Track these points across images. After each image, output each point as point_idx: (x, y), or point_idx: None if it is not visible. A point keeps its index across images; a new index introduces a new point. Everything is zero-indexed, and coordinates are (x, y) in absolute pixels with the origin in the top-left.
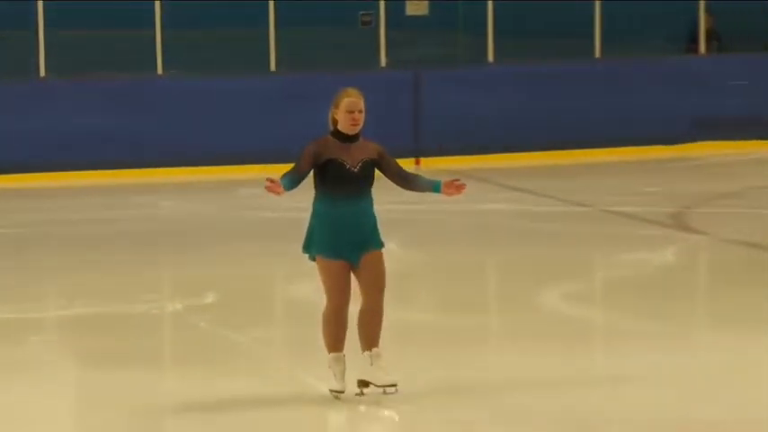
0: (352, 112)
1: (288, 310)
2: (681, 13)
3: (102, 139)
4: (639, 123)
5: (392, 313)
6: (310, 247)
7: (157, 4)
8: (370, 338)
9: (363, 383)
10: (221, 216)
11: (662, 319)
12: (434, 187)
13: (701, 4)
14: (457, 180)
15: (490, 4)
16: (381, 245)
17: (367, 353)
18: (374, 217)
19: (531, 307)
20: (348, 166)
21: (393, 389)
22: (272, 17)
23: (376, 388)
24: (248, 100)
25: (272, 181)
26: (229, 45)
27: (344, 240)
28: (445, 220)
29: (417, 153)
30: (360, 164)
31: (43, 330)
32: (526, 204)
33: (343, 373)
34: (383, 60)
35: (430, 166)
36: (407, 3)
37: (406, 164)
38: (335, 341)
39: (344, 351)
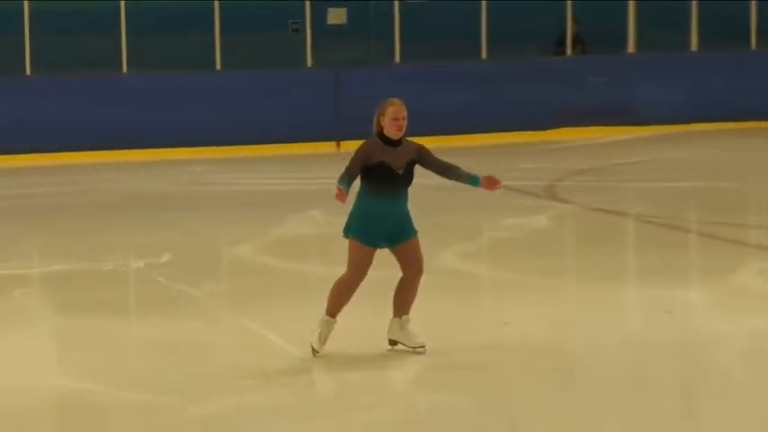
0: (396, 119)
1: (232, 268)
2: (551, 19)
3: (73, 127)
4: (517, 113)
5: (323, 270)
6: (348, 230)
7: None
8: (403, 307)
9: (393, 342)
10: (176, 189)
11: (539, 273)
12: (473, 181)
13: (569, 12)
14: (494, 177)
15: (397, 14)
16: (415, 233)
17: (397, 319)
18: (408, 210)
19: (429, 265)
20: (395, 168)
21: (422, 349)
22: (218, 23)
23: (405, 347)
24: (198, 93)
25: (339, 190)
26: (181, 47)
27: (380, 233)
28: None
29: (338, 138)
30: (404, 166)
31: (26, 285)
32: (429, 180)
33: (327, 336)
34: (309, 61)
35: (349, 148)
36: (329, 12)
37: (328, 147)
38: (337, 308)
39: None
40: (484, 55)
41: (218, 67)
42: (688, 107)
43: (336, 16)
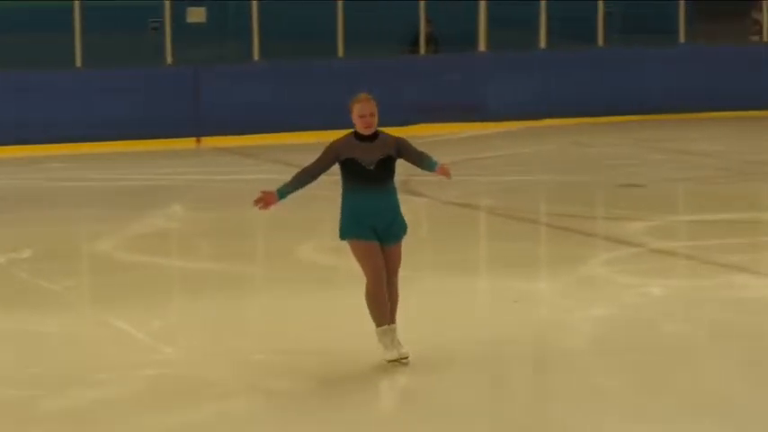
0: (363, 116)
1: (93, 264)
2: (405, 19)
3: None
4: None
5: (184, 264)
6: (342, 233)
7: None
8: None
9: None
10: (35, 186)
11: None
12: (430, 165)
13: (422, 13)
14: (447, 166)
15: (255, 13)
16: (401, 236)
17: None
18: (395, 206)
19: (289, 259)
20: (364, 165)
21: (406, 360)
22: (78, 22)
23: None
24: (57, 90)
25: (265, 194)
26: (42, 45)
27: (366, 225)
28: (222, 188)
29: (198, 134)
30: (376, 162)
31: None
32: (284, 174)
33: (392, 341)
34: (169, 59)
35: (208, 144)
36: (187, 11)
37: (188, 143)
38: (381, 315)
39: (391, 323)
40: (340, 53)
41: (79, 64)
42: (538, 104)
43: (195, 15)
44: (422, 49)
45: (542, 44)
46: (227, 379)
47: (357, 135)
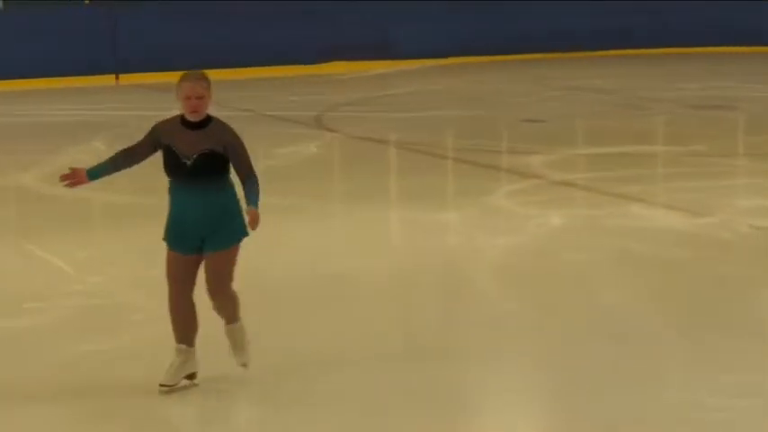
0: (189, 98)
1: (18, 196)
2: None
3: None
4: (288, 50)
5: (105, 197)
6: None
7: None
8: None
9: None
10: None
11: (310, 197)
12: (248, 196)
13: None
14: (256, 216)
15: None
16: (225, 245)
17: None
18: (221, 211)
19: None
20: (180, 157)
21: (167, 388)
22: None
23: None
24: None
25: (73, 171)
26: None
27: (178, 233)
28: (139, 124)
29: (117, 71)
30: (196, 155)
31: None
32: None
33: (174, 367)
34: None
35: (128, 81)
36: None
37: (108, 79)
38: (174, 331)
39: (186, 345)
40: None
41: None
42: (447, 43)
43: None
44: None
45: None
46: (151, 307)
47: (183, 120)
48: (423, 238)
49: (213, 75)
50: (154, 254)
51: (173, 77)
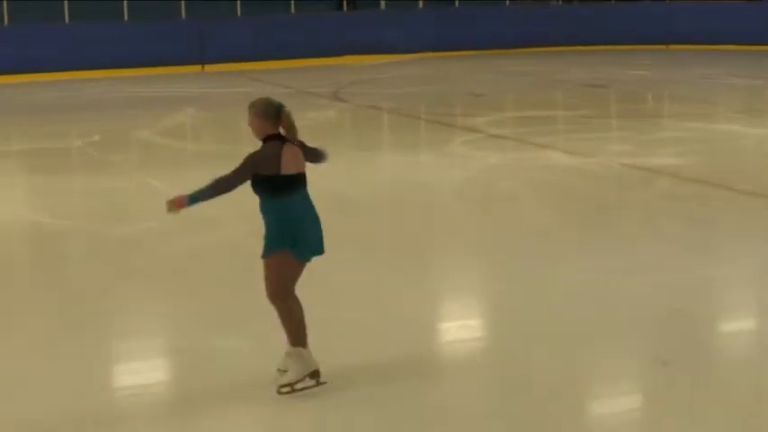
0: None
1: (138, 145)
2: None
3: None
4: (315, 49)
5: (196, 146)
6: None
7: None
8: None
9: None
10: (96, 97)
11: (326, 146)
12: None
13: None
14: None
15: None
16: (265, 254)
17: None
18: (270, 224)
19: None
20: None
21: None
22: None
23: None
24: (110, 39)
25: (175, 199)
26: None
27: None
28: (218, 99)
29: (202, 62)
30: None
31: (5, 156)
32: (261, 88)
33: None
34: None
35: (212, 69)
36: None
37: (195, 68)
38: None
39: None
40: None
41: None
42: (421, 43)
43: None
44: (345, 7)
45: (420, 5)
46: (221, 219)
47: None
48: (404, 172)
49: (266, 65)
50: None
51: (237, 67)
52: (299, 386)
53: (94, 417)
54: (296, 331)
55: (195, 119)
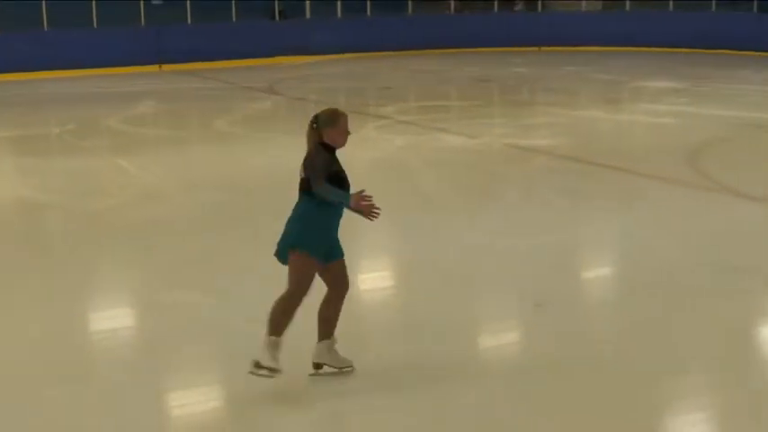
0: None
1: (107, 132)
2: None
3: None
4: (253, 51)
5: (159, 132)
6: None
7: None
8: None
9: (318, 366)
10: (72, 92)
11: (264, 131)
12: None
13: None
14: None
15: None
16: (292, 249)
17: (324, 341)
18: (295, 221)
19: (210, 129)
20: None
21: (350, 368)
22: None
23: (332, 369)
24: (81, 43)
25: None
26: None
27: None
28: (173, 94)
29: (160, 62)
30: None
31: None
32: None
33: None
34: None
35: (168, 68)
36: None
37: (152, 68)
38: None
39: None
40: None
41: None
42: (344, 45)
43: None
44: (277, 17)
45: (339, 16)
46: (180, 192)
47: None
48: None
49: (213, 65)
50: (181, 164)
51: (189, 67)
52: (261, 372)
53: (70, 359)
54: (278, 322)
55: (154, 109)
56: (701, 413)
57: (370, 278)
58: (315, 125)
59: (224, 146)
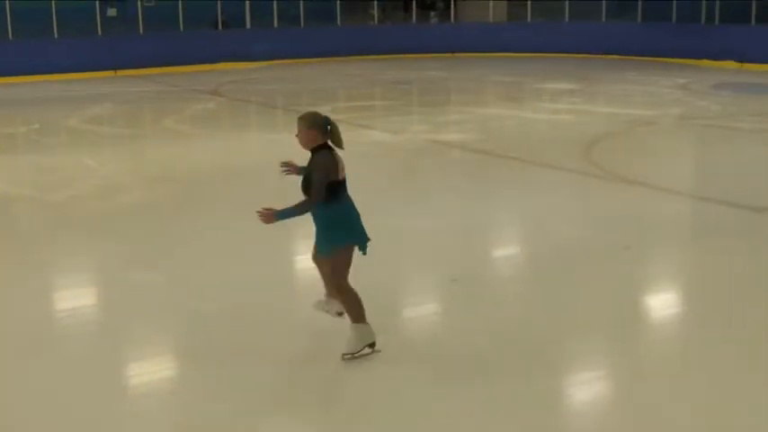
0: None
1: (67, 130)
2: (207, 12)
3: None
4: (200, 57)
5: (113, 131)
6: None
7: None
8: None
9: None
10: (39, 95)
11: (212, 129)
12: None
13: (219, 10)
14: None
15: None
16: (325, 252)
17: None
18: (322, 225)
19: (156, 127)
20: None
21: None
22: None
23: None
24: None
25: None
26: None
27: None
28: (132, 98)
29: (115, 68)
30: (302, 180)
31: None
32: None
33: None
34: (99, 31)
35: (123, 73)
36: (108, 10)
37: (108, 73)
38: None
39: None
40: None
41: (56, 35)
42: (283, 52)
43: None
44: (220, 27)
45: (276, 26)
46: (136, 184)
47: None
48: (266, 146)
49: (163, 70)
50: (134, 159)
51: (141, 72)
52: (358, 355)
53: (38, 334)
54: (356, 310)
55: (111, 110)
56: (596, 372)
57: (302, 259)
58: (329, 127)
59: (174, 142)
